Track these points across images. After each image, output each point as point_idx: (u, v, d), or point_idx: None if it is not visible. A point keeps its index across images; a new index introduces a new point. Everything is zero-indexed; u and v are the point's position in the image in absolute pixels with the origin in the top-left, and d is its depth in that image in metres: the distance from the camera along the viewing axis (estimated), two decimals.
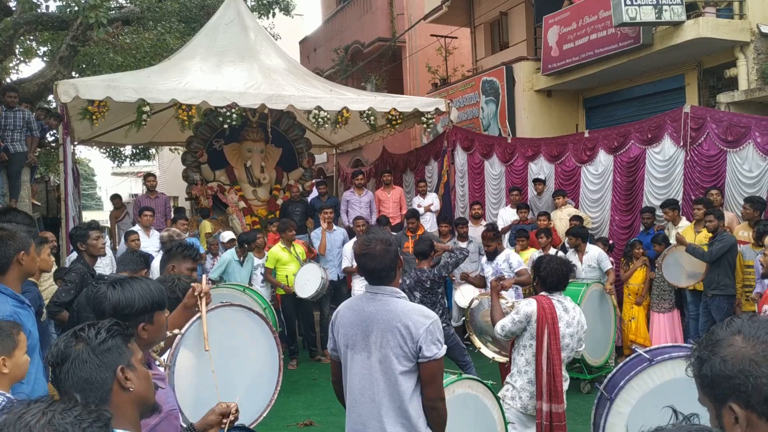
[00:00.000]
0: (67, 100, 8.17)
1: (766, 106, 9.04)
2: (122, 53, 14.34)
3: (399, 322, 2.69)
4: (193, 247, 3.68)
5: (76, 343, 1.76)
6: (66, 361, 1.73)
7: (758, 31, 9.13)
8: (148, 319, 2.33)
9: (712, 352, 1.33)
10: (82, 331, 1.79)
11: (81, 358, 1.73)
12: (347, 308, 2.93)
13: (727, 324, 1.36)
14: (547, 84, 11.90)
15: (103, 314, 2.30)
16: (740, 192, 7.43)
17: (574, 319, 4.10)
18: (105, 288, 2.36)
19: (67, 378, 1.72)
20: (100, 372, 1.73)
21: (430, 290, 6.28)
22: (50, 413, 1.30)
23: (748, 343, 1.29)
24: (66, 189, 8.46)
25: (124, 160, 20.96)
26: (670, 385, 2.93)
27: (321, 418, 6.05)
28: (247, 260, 8.23)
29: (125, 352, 1.80)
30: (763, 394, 1.24)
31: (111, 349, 1.77)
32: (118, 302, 2.30)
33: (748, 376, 1.25)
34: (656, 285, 7.56)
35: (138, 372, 1.82)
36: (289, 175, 11.88)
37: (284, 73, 10.42)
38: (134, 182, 35.63)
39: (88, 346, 1.75)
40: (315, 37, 22.51)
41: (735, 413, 1.28)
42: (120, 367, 1.76)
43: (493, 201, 10.86)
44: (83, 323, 1.84)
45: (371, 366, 2.73)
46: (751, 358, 1.27)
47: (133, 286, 2.35)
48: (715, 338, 1.35)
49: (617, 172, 8.91)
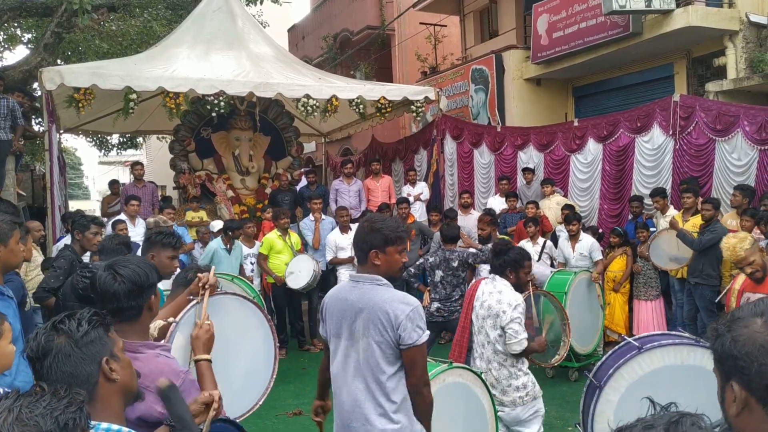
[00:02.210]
0: (52, 88, 8.06)
1: (754, 95, 9.07)
2: (108, 40, 14.17)
3: (379, 310, 2.68)
4: (173, 234, 3.64)
5: (57, 337, 1.70)
6: (48, 356, 1.67)
7: (747, 20, 9.15)
8: (155, 291, 2.36)
9: (728, 329, 1.31)
10: (62, 324, 1.72)
11: (64, 351, 1.67)
12: (333, 296, 2.94)
13: (756, 304, 1.34)
14: (537, 72, 11.89)
15: (117, 296, 2.27)
16: (728, 181, 7.46)
17: (486, 303, 4.07)
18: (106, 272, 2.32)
19: (50, 373, 1.66)
20: (85, 365, 1.69)
21: (455, 271, 6.37)
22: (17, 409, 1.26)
23: (766, 327, 1.27)
24: (52, 178, 8.37)
25: (111, 149, 20.75)
26: (659, 373, 2.94)
27: (310, 408, 6.04)
28: (235, 249, 8.17)
29: (108, 342, 1.76)
30: (765, 381, 1.22)
31: (94, 340, 1.72)
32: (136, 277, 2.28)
33: (753, 361, 1.24)
34: (643, 273, 7.58)
35: (121, 361, 1.79)
36: (278, 164, 11.81)
37: (273, 61, 10.34)
38: (121, 171, 35.36)
39: (71, 339, 1.69)
40: (303, 24, 22.36)
41: (735, 392, 1.27)
42: (104, 359, 1.72)
43: (483, 190, 10.86)
44: (61, 314, 1.78)
45: (355, 354, 2.73)
46: (761, 343, 1.24)
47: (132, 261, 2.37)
48: (737, 315, 1.33)
49: (606, 161, 8.92)
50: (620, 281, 7.67)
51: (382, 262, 2.80)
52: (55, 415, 1.28)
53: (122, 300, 2.27)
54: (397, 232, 2.82)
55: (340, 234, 8.56)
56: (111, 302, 2.28)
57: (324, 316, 2.93)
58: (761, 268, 3.84)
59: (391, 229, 2.81)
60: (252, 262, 8.39)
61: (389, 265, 2.82)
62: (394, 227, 2.83)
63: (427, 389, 2.76)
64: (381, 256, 2.79)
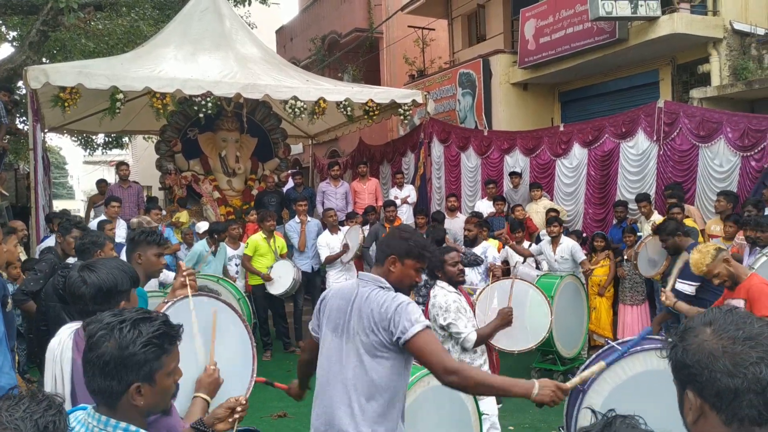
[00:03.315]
0: (37, 87, 8.01)
1: (737, 102, 9.18)
2: (94, 39, 14.06)
3: (371, 309, 2.67)
4: (156, 232, 3.62)
5: (109, 340, 1.68)
6: (93, 351, 1.68)
7: (731, 27, 9.26)
8: (126, 297, 2.33)
9: (681, 339, 1.36)
10: (122, 325, 1.69)
11: (104, 359, 1.66)
12: (337, 292, 2.92)
13: (705, 314, 1.39)
14: (524, 77, 11.95)
15: (83, 298, 2.28)
16: (711, 186, 7.55)
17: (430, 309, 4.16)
18: (78, 272, 2.32)
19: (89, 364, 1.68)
20: (114, 383, 1.67)
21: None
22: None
23: (715, 335, 1.31)
24: (36, 177, 8.30)
25: (96, 149, 20.56)
26: (642, 377, 2.97)
27: (295, 410, 6.02)
28: (220, 251, 8.14)
29: (153, 365, 1.71)
30: (716, 388, 1.26)
31: (135, 363, 1.68)
32: (103, 283, 2.27)
33: (703, 369, 1.28)
34: (629, 278, 7.64)
35: (157, 387, 1.73)
36: (265, 166, 11.78)
37: (260, 62, 10.32)
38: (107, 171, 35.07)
39: (116, 349, 1.67)
40: (291, 26, 22.33)
41: (690, 400, 1.31)
42: (135, 386, 1.69)
43: (469, 193, 10.90)
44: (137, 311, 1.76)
45: (347, 351, 2.73)
46: (710, 351, 1.29)
47: (107, 265, 2.35)
48: (688, 326, 1.38)
49: (591, 166, 8.99)
50: (605, 285, 7.73)
51: (397, 271, 2.79)
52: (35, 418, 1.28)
53: (88, 303, 2.28)
54: (421, 249, 2.81)
55: (330, 235, 8.59)
56: (77, 303, 2.30)
57: (321, 309, 2.92)
58: (728, 277, 3.91)
59: (417, 244, 2.81)
60: (237, 263, 8.37)
61: (402, 277, 2.80)
62: (421, 244, 2.83)
63: (455, 376, 2.56)
64: (398, 264, 2.78)
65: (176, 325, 1.80)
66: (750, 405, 1.24)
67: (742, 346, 1.28)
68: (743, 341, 1.28)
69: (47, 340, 2.34)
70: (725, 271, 3.90)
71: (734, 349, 1.28)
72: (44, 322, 4.00)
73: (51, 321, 3.85)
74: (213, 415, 2.25)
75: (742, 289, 3.85)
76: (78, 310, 2.25)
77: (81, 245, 4.10)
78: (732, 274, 3.91)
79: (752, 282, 3.83)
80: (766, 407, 1.24)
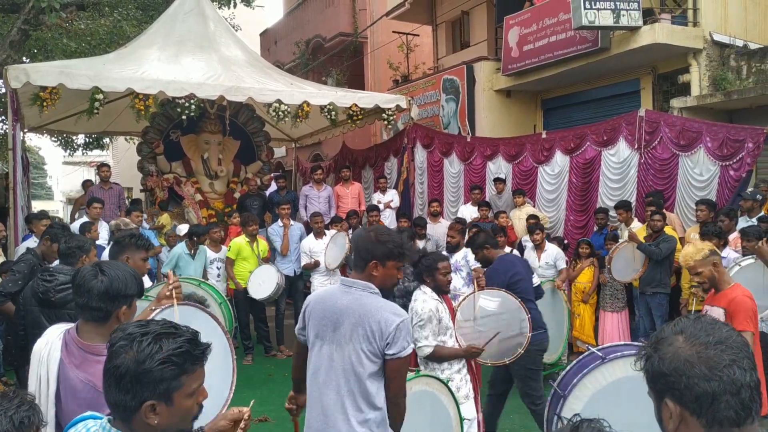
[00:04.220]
0: (17, 86, 7.92)
1: (716, 112, 9.32)
2: (76, 39, 13.94)
3: (371, 317, 2.70)
4: (144, 237, 3.62)
5: (127, 352, 1.60)
6: (111, 361, 1.61)
7: (711, 39, 9.40)
8: (129, 303, 2.33)
9: (654, 349, 1.39)
10: (143, 338, 1.62)
11: (120, 371, 1.59)
12: (319, 298, 2.94)
13: (674, 323, 1.43)
14: (507, 84, 12.04)
15: (90, 293, 2.27)
16: (690, 195, 7.65)
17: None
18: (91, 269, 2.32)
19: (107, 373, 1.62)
20: (128, 398, 1.59)
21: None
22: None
23: (687, 343, 1.35)
24: (15, 177, 8.19)
25: (77, 149, 20.34)
26: (622, 383, 2.99)
27: (276, 414, 5.99)
28: (200, 253, 8.08)
29: (171, 384, 1.61)
30: (694, 393, 1.30)
31: (151, 381, 1.59)
32: (113, 282, 2.27)
33: (681, 375, 1.32)
34: (609, 285, 7.70)
35: (174, 407, 1.64)
36: (248, 169, 11.74)
37: (244, 64, 10.29)
38: (87, 172, 34.70)
39: (133, 363, 1.59)
40: (276, 29, 22.30)
41: (670, 409, 1.35)
42: (149, 404, 1.60)
43: (452, 199, 10.94)
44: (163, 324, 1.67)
45: (339, 358, 2.74)
46: (686, 358, 1.33)
47: (121, 268, 2.36)
48: (661, 336, 1.42)
49: (573, 173, 9.07)
50: (588, 292, 7.79)
51: (380, 274, 2.84)
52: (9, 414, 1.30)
53: (93, 299, 2.27)
54: (401, 249, 2.88)
55: (314, 240, 8.57)
56: (82, 297, 2.29)
57: (307, 314, 2.93)
58: (708, 280, 3.94)
59: (395, 245, 2.86)
60: (219, 267, 8.31)
61: (385, 279, 2.86)
62: (399, 243, 2.88)
63: (404, 400, 2.80)
64: (380, 268, 2.83)
65: (203, 344, 1.70)
66: (728, 406, 1.29)
67: (714, 350, 1.32)
68: (714, 345, 1.33)
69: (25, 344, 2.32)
70: (709, 273, 3.92)
71: (708, 353, 1.32)
72: (23, 326, 3.95)
73: (29, 325, 3.81)
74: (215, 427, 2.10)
75: (724, 299, 3.88)
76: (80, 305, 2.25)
77: (67, 249, 4.07)
78: (714, 279, 3.94)
79: (735, 293, 3.85)
80: (742, 407, 1.29)
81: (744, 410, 1.29)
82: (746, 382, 1.29)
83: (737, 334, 1.37)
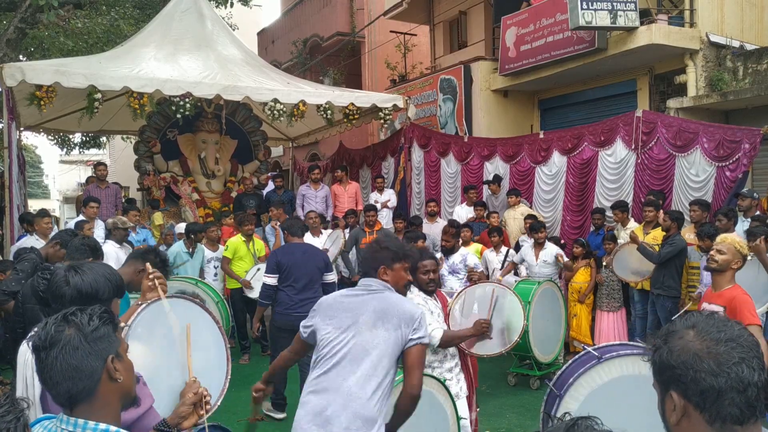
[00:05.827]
0: (13, 84, 7.90)
1: (713, 112, 9.34)
2: (73, 38, 13.92)
3: (397, 307, 2.86)
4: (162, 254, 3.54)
5: (67, 328, 1.69)
6: (55, 347, 1.66)
7: (707, 39, 9.42)
8: (107, 306, 2.29)
9: (664, 342, 1.40)
10: (73, 316, 1.72)
11: (72, 344, 1.66)
12: (338, 295, 3.06)
13: (686, 318, 1.44)
14: (504, 84, 12.04)
15: (63, 299, 2.25)
16: (687, 195, 7.66)
17: None
18: (64, 272, 2.30)
19: (55, 364, 1.65)
20: (91, 360, 1.67)
21: None
22: None
23: (698, 337, 1.36)
24: (11, 176, 8.17)
25: (73, 148, 20.32)
26: (618, 382, 3.00)
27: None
28: (197, 252, 8.07)
29: (114, 341, 1.75)
30: (700, 387, 1.31)
31: (103, 337, 1.71)
32: (84, 287, 2.26)
33: (688, 369, 1.33)
34: (606, 284, 7.72)
35: (124, 362, 1.78)
36: (245, 168, 11.73)
37: (241, 64, 10.28)
38: (83, 171, 34.61)
39: (80, 332, 1.68)
40: (273, 28, 22.26)
41: (674, 401, 1.35)
42: (110, 357, 1.71)
43: (449, 199, 10.94)
44: (72, 308, 1.77)
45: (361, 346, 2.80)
46: (695, 352, 1.33)
47: (94, 270, 2.33)
48: (672, 329, 1.42)
49: (570, 173, 9.07)
50: (585, 292, 7.81)
51: (390, 277, 3.03)
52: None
53: (66, 304, 2.23)
54: (403, 250, 3.09)
55: (311, 238, 8.55)
56: (57, 303, 2.28)
57: (320, 311, 2.98)
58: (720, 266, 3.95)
59: (397, 247, 3.08)
60: (216, 266, 8.30)
61: (397, 281, 3.05)
62: (400, 246, 3.11)
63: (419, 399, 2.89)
64: (389, 272, 3.03)
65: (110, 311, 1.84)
66: (732, 404, 1.29)
67: (724, 346, 1.33)
68: (725, 342, 1.33)
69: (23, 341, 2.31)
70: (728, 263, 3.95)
71: (717, 349, 1.32)
72: (21, 323, 3.94)
73: (28, 322, 3.79)
74: (176, 414, 2.16)
75: (724, 297, 3.90)
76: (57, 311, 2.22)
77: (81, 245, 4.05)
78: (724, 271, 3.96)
79: (736, 293, 3.89)
80: (746, 406, 1.30)
81: (749, 409, 1.30)
82: (754, 381, 1.30)
83: (749, 334, 1.38)
